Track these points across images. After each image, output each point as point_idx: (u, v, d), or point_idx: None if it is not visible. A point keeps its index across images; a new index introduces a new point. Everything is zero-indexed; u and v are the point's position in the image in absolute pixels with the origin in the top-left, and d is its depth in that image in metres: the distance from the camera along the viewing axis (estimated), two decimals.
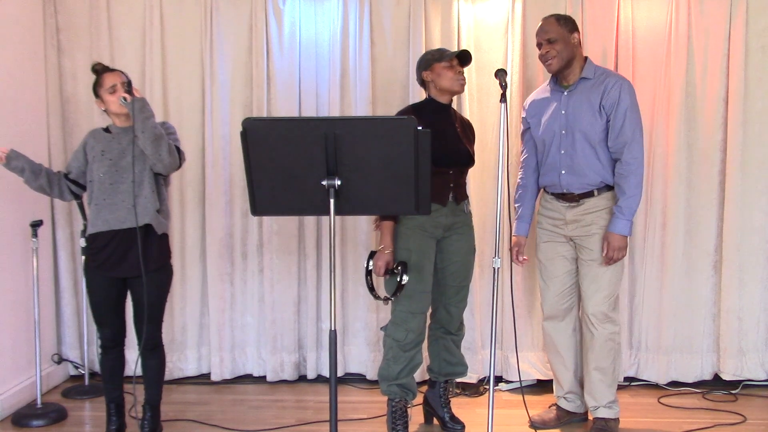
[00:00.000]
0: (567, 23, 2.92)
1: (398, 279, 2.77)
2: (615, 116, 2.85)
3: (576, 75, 2.93)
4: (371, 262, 2.83)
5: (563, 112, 2.93)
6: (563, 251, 3.01)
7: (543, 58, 2.94)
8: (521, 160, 3.16)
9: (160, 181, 2.77)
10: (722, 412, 3.28)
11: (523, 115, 3.14)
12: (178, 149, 2.75)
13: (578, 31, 2.95)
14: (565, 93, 2.94)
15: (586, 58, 2.97)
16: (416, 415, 3.14)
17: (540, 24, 2.95)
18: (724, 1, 3.47)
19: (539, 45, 2.94)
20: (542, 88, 3.10)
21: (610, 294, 2.92)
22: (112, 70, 2.74)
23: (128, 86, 2.65)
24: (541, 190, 3.11)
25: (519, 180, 3.16)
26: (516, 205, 3.16)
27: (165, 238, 2.80)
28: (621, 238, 2.83)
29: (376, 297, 2.86)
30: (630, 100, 2.86)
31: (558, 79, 2.99)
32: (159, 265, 2.75)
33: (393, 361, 2.87)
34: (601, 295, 2.91)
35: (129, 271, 2.71)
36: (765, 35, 3.49)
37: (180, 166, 2.77)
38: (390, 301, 2.88)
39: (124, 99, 2.61)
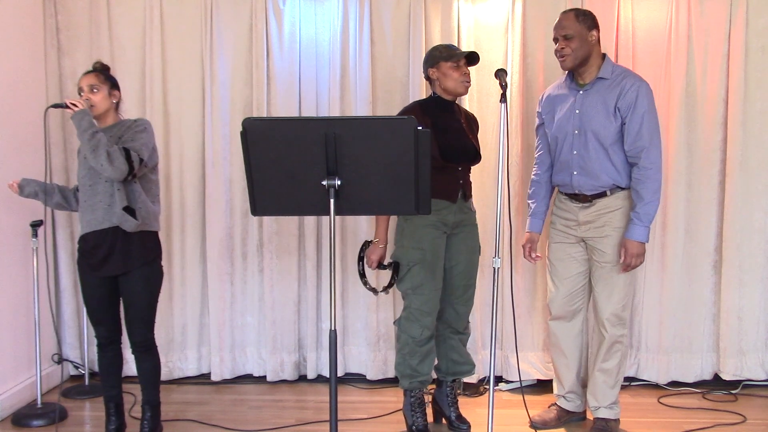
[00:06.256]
0: (586, 19, 2.82)
1: (390, 279, 2.88)
2: (631, 120, 2.77)
3: (593, 74, 2.85)
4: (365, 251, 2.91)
5: (577, 111, 2.87)
6: (574, 252, 2.98)
7: (557, 54, 2.85)
8: (535, 155, 3.12)
9: (131, 180, 2.66)
10: (722, 412, 3.28)
11: (538, 110, 3.09)
12: (128, 152, 2.57)
13: (598, 28, 2.84)
14: (581, 92, 2.87)
15: (604, 55, 2.88)
16: None
17: (558, 18, 2.86)
18: (724, 1, 3.47)
19: (555, 40, 2.86)
20: (558, 84, 3.02)
21: (624, 297, 2.90)
22: (89, 72, 2.73)
23: (60, 105, 2.63)
24: (556, 188, 3.07)
25: (533, 176, 3.13)
26: (529, 201, 3.13)
27: (150, 236, 2.76)
28: (639, 245, 2.78)
29: (366, 284, 2.93)
30: (648, 103, 2.77)
31: (574, 75, 2.91)
32: (142, 264, 2.72)
33: (409, 356, 2.93)
34: (615, 299, 2.89)
35: (113, 270, 2.71)
36: (765, 35, 3.49)
37: (131, 170, 2.58)
38: (378, 294, 2.97)
39: (69, 108, 2.61)
